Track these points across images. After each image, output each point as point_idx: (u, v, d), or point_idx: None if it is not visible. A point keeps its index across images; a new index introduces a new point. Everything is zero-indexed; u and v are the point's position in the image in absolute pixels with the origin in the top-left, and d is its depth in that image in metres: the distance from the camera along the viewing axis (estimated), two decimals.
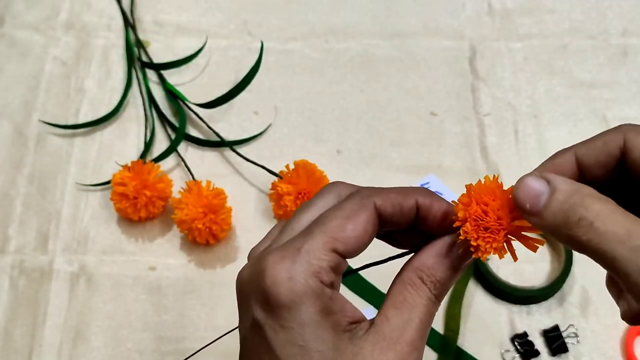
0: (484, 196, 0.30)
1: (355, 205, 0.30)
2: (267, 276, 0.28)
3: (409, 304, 0.30)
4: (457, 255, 0.31)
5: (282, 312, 0.28)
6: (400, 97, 0.71)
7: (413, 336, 0.30)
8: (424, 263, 0.31)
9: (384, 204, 0.31)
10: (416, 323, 0.30)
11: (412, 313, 0.30)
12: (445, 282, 0.31)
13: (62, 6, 0.77)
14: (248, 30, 0.75)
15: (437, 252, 0.31)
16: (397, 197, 0.31)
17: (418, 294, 0.30)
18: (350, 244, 0.29)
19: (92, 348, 0.58)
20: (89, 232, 0.63)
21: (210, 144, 0.68)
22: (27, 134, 0.69)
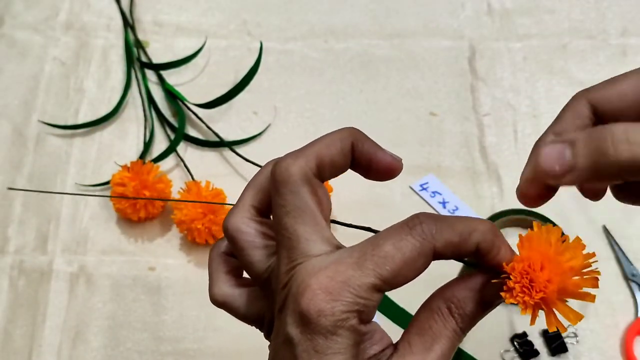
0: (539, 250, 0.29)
1: (415, 250, 0.29)
2: (310, 299, 0.27)
3: (434, 333, 0.30)
4: (492, 292, 0.30)
5: (318, 339, 0.27)
6: (399, 97, 0.71)
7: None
8: (455, 294, 0.31)
9: (444, 250, 0.29)
10: (438, 354, 0.29)
11: (435, 343, 0.30)
12: (473, 316, 0.30)
13: (62, 6, 0.77)
14: (247, 31, 0.75)
15: (471, 286, 0.31)
16: (459, 241, 0.29)
17: (444, 325, 0.30)
18: (398, 286, 0.29)
19: (92, 348, 0.58)
20: (89, 233, 0.63)
21: (209, 144, 0.68)
22: (26, 134, 0.69)
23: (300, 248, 0.29)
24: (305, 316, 0.27)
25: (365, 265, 0.28)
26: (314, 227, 0.30)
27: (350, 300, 0.27)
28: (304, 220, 0.30)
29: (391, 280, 0.28)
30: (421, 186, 0.64)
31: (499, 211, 0.62)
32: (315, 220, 0.30)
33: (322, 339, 0.27)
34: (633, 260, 0.60)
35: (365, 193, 0.63)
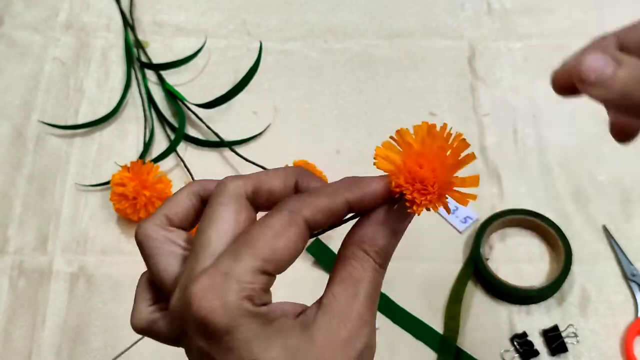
0: (416, 146, 0.30)
1: (284, 223, 0.29)
2: (198, 306, 0.28)
3: (355, 278, 0.30)
4: (395, 218, 0.31)
5: (224, 337, 0.27)
6: (399, 97, 0.71)
7: (361, 311, 0.29)
8: (365, 234, 0.31)
9: (314, 217, 0.30)
10: (364, 296, 0.30)
11: (358, 287, 0.30)
12: (387, 248, 0.31)
13: (61, 6, 0.77)
14: (247, 31, 0.75)
15: (375, 221, 0.31)
16: (327, 204, 0.30)
17: (362, 267, 0.30)
18: (281, 264, 0.29)
19: (92, 348, 0.58)
20: (89, 233, 0.63)
21: (209, 144, 0.68)
22: (26, 134, 0.69)
23: (202, 255, 0.29)
24: (201, 324, 0.27)
25: (241, 252, 0.28)
26: (222, 239, 0.30)
27: (237, 288, 0.27)
28: (217, 229, 0.30)
29: (270, 257, 0.28)
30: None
31: (499, 211, 0.62)
32: (226, 235, 0.30)
33: (227, 335, 0.27)
34: (633, 260, 0.60)
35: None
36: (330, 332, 0.29)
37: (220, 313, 0.27)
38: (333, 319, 0.29)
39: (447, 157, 0.30)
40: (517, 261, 0.61)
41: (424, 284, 0.60)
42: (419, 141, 0.30)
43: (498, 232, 0.62)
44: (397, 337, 0.58)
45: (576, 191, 0.64)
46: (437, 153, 0.30)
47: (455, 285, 0.59)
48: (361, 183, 0.31)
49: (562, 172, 0.65)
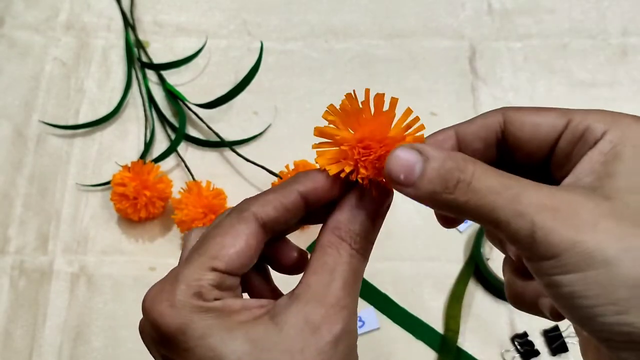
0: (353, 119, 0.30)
1: (233, 220, 0.30)
2: (150, 311, 0.28)
3: (329, 265, 0.29)
4: (370, 201, 0.30)
5: (179, 338, 0.27)
6: (399, 96, 0.70)
7: (338, 295, 0.28)
8: (339, 220, 0.30)
9: (264, 210, 0.30)
10: (340, 282, 0.29)
11: (334, 273, 0.29)
12: (365, 233, 0.30)
13: (62, 7, 0.77)
14: (248, 31, 0.75)
15: (349, 205, 0.30)
16: (276, 197, 0.30)
17: (338, 253, 0.29)
18: (232, 260, 0.29)
19: (93, 348, 0.58)
20: (89, 233, 0.63)
21: (210, 144, 0.68)
22: (27, 134, 0.69)
23: None
24: (155, 329, 0.28)
25: (191, 256, 0.29)
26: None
27: (184, 288, 0.28)
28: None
29: (217, 254, 0.29)
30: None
31: None
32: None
33: (181, 335, 0.27)
34: None
35: None
36: (302, 319, 0.27)
37: (169, 314, 0.28)
38: (305, 306, 0.28)
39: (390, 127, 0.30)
40: None
41: (424, 283, 0.60)
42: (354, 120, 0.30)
43: None
44: (397, 337, 0.58)
45: None
46: (378, 126, 0.30)
47: (456, 285, 0.59)
48: (311, 173, 0.31)
49: None
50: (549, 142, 0.29)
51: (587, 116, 0.28)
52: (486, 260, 0.60)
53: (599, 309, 0.23)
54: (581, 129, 0.28)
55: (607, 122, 0.27)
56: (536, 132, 0.29)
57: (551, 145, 0.29)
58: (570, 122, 0.28)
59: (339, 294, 0.28)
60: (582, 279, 0.23)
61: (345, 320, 0.28)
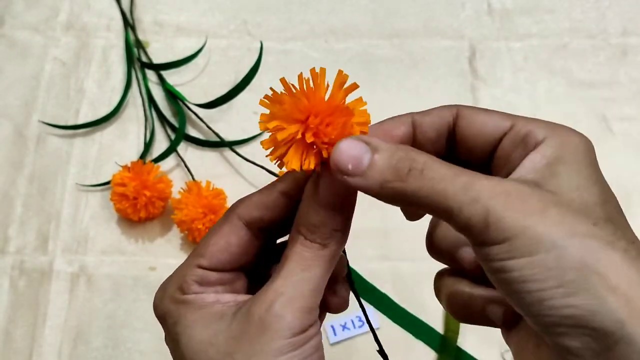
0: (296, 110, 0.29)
1: (220, 222, 0.32)
2: (153, 304, 0.32)
3: (285, 257, 0.30)
4: (325, 187, 0.30)
5: (165, 325, 0.31)
6: (399, 96, 0.71)
7: (284, 290, 0.29)
8: (298, 214, 0.30)
9: (246, 210, 0.32)
10: (284, 277, 0.29)
11: (286, 265, 0.29)
12: (320, 223, 0.30)
13: (62, 7, 0.77)
14: (248, 30, 0.75)
15: (305, 197, 0.30)
16: (259, 197, 0.32)
17: (294, 246, 0.30)
18: (215, 257, 0.31)
19: (93, 348, 0.58)
20: (89, 233, 0.63)
21: (210, 144, 0.68)
22: (27, 134, 0.69)
23: None
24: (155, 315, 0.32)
25: (189, 256, 0.32)
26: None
27: (174, 282, 0.31)
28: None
29: (202, 251, 0.31)
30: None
31: None
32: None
33: (164, 321, 0.31)
34: None
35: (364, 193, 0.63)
36: (251, 314, 0.29)
37: (158, 304, 0.32)
38: (256, 301, 0.29)
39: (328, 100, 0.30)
40: None
41: (424, 283, 0.60)
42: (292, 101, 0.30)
43: None
44: (397, 337, 0.58)
45: None
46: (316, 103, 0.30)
47: None
48: (293, 172, 0.31)
49: None
50: (493, 141, 0.30)
51: (529, 122, 0.29)
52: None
53: (547, 292, 0.24)
54: (524, 132, 0.29)
55: (547, 129, 0.28)
56: (483, 130, 0.30)
57: (494, 144, 0.30)
58: (515, 126, 0.29)
59: (285, 289, 0.29)
60: (531, 263, 0.24)
61: (293, 314, 0.29)
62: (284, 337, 0.28)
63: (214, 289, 0.31)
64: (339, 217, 0.30)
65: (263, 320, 0.28)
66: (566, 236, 0.24)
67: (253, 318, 0.29)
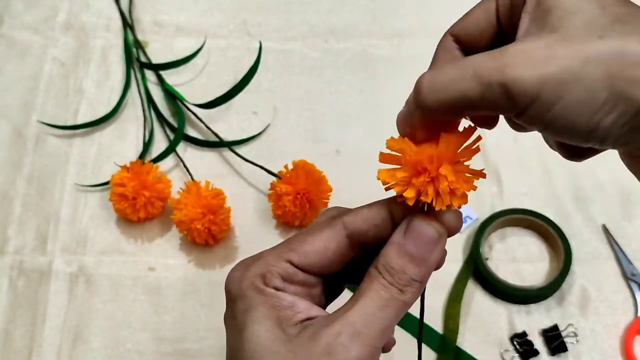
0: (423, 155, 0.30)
1: (322, 224, 0.32)
2: (227, 280, 0.31)
3: (360, 292, 0.30)
4: (413, 237, 0.30)
5: (232, 305, 0.31)
6: (399, 97, 0.70)
7: (350, 324, 0.28)
8: (382, 252, 0.30)
9: (354, 221, 0.31)
10: (361, 313, 0.29)
11: (358, 300, 0.29)
12: (401, 269, 0.30)
13: (61, 7, 0.77)
14: (247, 31, 0.75)
15: (392, 239, 0.30)
16: (368, 212, 0.32)
17: (371, 285, 0.30)
18: (308, 257, 0.31)
19: (92, 348, 0.58)
20: (88, 233, 0.63)
21: (209, 144, 0.68)
22: (26, 134, 0.69)
23: None
24: (226, 292, 0.31)
25: (280, 244, 0.32)
26: None
27: (258, 266, 0.31)
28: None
29: (296, 248, 0.31)
30: None
31: (499, 211, 0.62)
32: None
33: (233, 303, 0.31)
34: (633, 260, 0.60)
35: (365, 193, 0.63)
36: (318, 337, 0.28)
37: (235, 282, 0.31)
38: (326, 325, 0.29)
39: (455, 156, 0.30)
40: (516, 261, 0.61)
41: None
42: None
43: (498, 232, 0.62)
44: (397, 337, 0.58)
45: (576, 191, 0.64)
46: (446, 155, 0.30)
47: (455, 285, 0.59)
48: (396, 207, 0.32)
49: (562, 172, 0.65)
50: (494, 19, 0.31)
51: None
52: (485, 259, 0.60)
53: (596, 117, 0.25)
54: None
55: None
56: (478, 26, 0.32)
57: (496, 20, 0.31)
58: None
59: (358, 325, 0.29)
60: (567, 106, 0.25)
61: (359, 350, 0.28)
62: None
63: (294, 288, 0.31)
64: (420, 269, 0.30)
65: (329, 347, 0.28)
66: (580, 65, 0.25)
67: (319, 342, 0.28)
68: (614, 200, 0.64)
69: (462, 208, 0.33)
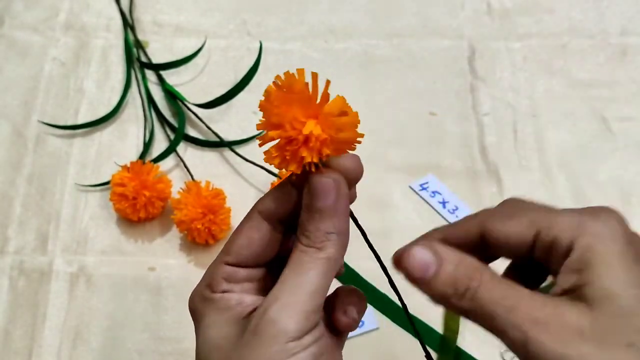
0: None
1: (243, 220, 0.33)
2: (188, 302, 0.33)
3: (289, 261, 0.31)
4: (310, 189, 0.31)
5: (193, 320, 0.33)
6: (399, 97, 0.71)
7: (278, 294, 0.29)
8: (298, 222, 0.31)
9: (263, 204, 0.33)
10: (286, 279, 0.30)
11: (287, 271, 0.30)
12: (313, 228, 0.30)
13: (61, 7, 0.77)
14: (247, 30, 0.75)
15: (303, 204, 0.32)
16: (274, 190, 0.33)
17: (295, 251, 0.31)
18: (239, 253, 0.32)
19: (92, 349, 0.58)
20: (89, 233, 0.63)
21: (209, 144, 0.68)
22: (26, 134, 0.69)
23: None
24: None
25: (218, 254, 0.33)
26: None
27: (205, 279, 0.33)
28: None
29: (228, 249, 0.32)
30: (421, 186, 0.64)
31: None
32: None
33: (193, 317, 0.33)
34: None
35: (364, 193, 0.63)
36: (249, 321, 0.29)
37: (190, 302, 0.33)
38: (263, 304, 0.30)
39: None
40: None
41: None
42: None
43: None
44: (396, 337, 0.58)
45: (576, 191, 0.64)
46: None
47: None
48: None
49: (562, 172, 0.65)
50: (524, 252, 0.30)
51: (552, 224, 0.29)
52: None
53: None
54: (549, 241, 0.29)
55: (571, 229, 0.28)
56: (509, 244, 0.30)
57: (526, 253, 0.30)
58: (539, 234, 0.29)
59: (282, 296, 0.29)
60: None
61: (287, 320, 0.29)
62: (279, 342, 0.28)
63: (241, 286, 0.32)
64: (331, 220, 0.31)
65: (257, 327, 0.29)
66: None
67: (250, 324, 0.29)
68: (614, 201, 0.64)
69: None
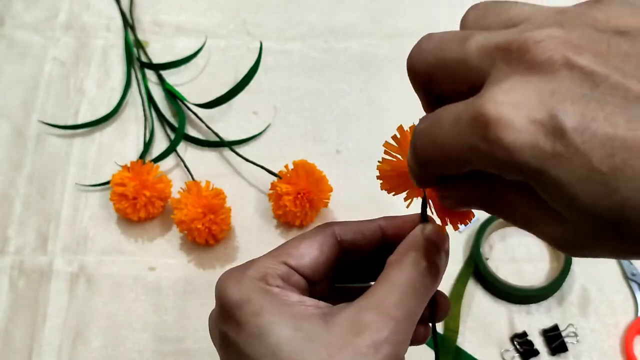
0: None
1: (313, 231, 0.33)
2: (218, 286, 0.30)
3: (391, 278, 0.31)
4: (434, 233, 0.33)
5: (235, 312, 0.29)
6: (399, 96, 0.70)
7: (390, 305, 0.29)
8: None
9: (343, 230, 0.34)
10: (396, 294, 0.30)
11: (392, 286, 0.30)
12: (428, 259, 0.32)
13: (61, 7, 0.77)
14: (247, 30, 0.75)
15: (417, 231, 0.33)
16: (358, 223, 0.34)
17: (402, 268, 0.31)
18: (303, 260, 0.32)
19: (92, 348, 0.58)
20: (89, 233, 0.63)
21: (209, 144, 0.68)
22: (26, 134, 0.69)
23: None
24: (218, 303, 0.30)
25: (273, 252, 0.32)
26: None
27: (253, 270, 0.30)
28: None
29: (291, 252, 0.32)
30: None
31: None
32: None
33: (238, 309, 0.29)
34: (633, 260, 0.60)
35: (365, 193, 0.63)
36: (349, 321, 0.28)
37: (233, 288, 0.30)
38: (357, 311, 0.29)
39: None
40: (517, 261, 0.61)
41: None
42: None
43: (498, 232, 0.62)
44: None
45: None
46: None
47: (455, 285, 0.59)
48: (398, 217, 0.34)
49: None
50: None
51: None
52: (485, 260, 0.60)
53: None
54: None
55: None
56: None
57: None
58: None
59: (391, 304, 0.29)
60: None
61: (390, 330, 0.29)
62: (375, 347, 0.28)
63: (291, 288, 0.31)
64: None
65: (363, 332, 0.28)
66: None
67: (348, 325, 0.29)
68: None
69: None
